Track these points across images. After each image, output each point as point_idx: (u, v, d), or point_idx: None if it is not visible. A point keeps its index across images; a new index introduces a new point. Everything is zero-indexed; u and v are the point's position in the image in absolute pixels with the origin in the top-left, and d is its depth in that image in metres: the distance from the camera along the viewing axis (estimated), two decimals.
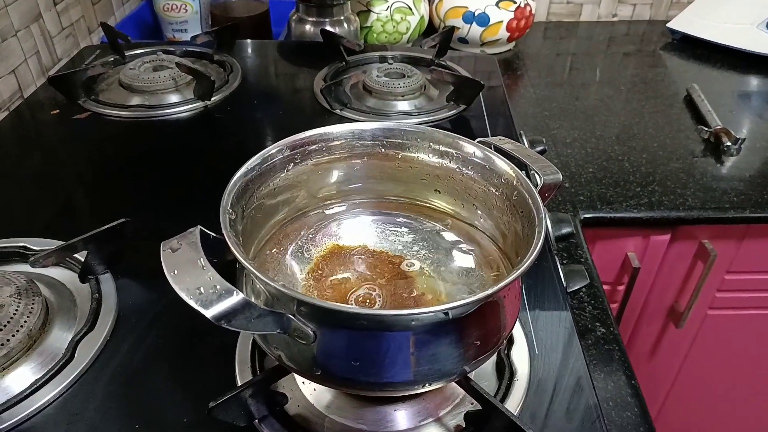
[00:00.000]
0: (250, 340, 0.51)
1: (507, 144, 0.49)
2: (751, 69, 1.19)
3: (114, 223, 0.56)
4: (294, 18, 1.12)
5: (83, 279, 0.56)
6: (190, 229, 0.37)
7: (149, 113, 0.86)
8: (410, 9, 1.20)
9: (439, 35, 1.00)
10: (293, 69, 1.03)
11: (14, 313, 0.49)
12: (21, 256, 0.58)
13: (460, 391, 0.47)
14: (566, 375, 0.50)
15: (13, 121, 0.84)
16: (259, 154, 0.46)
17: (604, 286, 0.74)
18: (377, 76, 0.90)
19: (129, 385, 0.48)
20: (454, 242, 0.50)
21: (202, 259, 0.34)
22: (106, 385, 0.48)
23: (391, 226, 0.51)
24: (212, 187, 0.43)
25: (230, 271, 0.40)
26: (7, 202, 0.69)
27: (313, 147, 0.48)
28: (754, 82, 1.17)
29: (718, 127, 0.95)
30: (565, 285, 0.60)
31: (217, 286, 0.33)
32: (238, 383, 0.47)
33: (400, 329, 0.37)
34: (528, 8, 1.21)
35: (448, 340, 0.39)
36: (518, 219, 0.44)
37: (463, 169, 0.48)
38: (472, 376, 0.44)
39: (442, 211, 0.51)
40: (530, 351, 0.52)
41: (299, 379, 0.48)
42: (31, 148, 0.80)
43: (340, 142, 0.49)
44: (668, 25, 1.32)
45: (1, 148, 0.79)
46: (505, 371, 0.49)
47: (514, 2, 1.19)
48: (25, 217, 0.67)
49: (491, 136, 0.50)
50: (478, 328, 0.40)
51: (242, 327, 0.34)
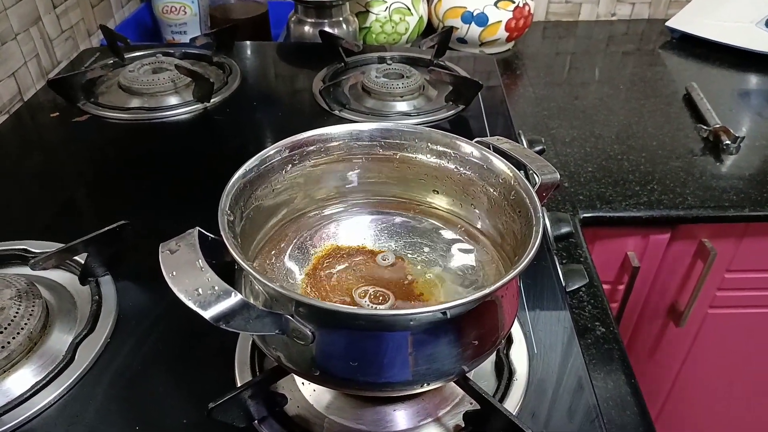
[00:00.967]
0: (250, 342, 0.51)
1: (505, 144, 0.49)
2: (751, 67, 1.19)
3: (114, 225, 0.56)
4: (293, 19, 1.13)
5: (83, 281, 0.56)
6: (189, 231, 0.37)
7: (148, 115, 0.86)
8: (409, 9, 1.20)
9: (437, 35, 1.00)
10: (292, 70, 1.03)
11: (15, 316, 0.49)
12: (21, 259, 0.59)
13: (459, 391, 0.47)
14: (565, 375, 0.50)
15: (13, 124, 0.85)
16: (258, 155, 0.46)
17: (604, 286, 0.74)
18: (376, 77, 0.90)
19: (129, 387, 0.48)
20: (453, 242, 0.50)
21: (200, 261, 0.34)
22: (107, 387, 0.48)
23: (389, 227, 0.51)
24: (212, 188, 0.43)
25: (229, 273, 0.40)
26: (8, 205, 0.69)
27: (311, 148, 0.48)
28: (753, 81, 1.17)
29: (718, 126, 0.95)
30: (564, 284, 0.60)
31: (216, 287, 0.33)
32: (238, 384, 0.48)
33: (398, 329, 0.37)
34: (527, 8, 1.21)
35: (447, 340, 0.39)
36: (516, 218, 0.44)
37: (461, 169, 0.48)
38: (470, 375, 0.44)
39: (441, 211, 0.52)
40: (529, 351, 0.52)
41: (299, 380, 0.48)
42: (31, 151, 0.80)
43: (338, 143, 0.49)
44: (667, 23, 1.32)
45: (2, 151, 0.79)
46: (504, 371, 0.49)
47: (513, 2, 1.19)
48: (25, 219, 0.67)
49: (490, 136, 0.50)
50: (477, 328, 0.40)
51: (241, 328, 0.34)
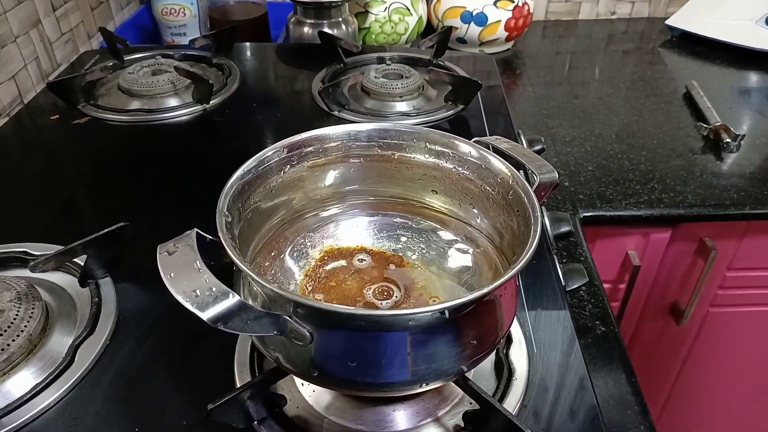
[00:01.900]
0: (249, 343, 0.51)
1: (503, 143, 0.49)
2: (751, 65, 1.19)
3: (113, 227, 0.56)
4: (292, 20, 1.13)
5: (83, 283, 0.56)
6: (187, 232, 0.37)
7: (148, 117, 0.86)
8: (408, 10, 1.20)
9: (436, 35, 1.00)
10: (291, 71, 1.03)
11: (14, 318, 0.49)
12: (21, 261, 0.59)
13: (459, 391, 0.47)
14: (566, 374, 0.50)
15: (14, 127, 0.85)
16: (255, 156, 0.46)
17: (605, 285, 0.74)
18: (375, 77, 0.90)
19: (129, 389, 0.48)
20: (451, 242, 0.50)
21: (198, 262, 0.34)
22: (106, 389, 0.48)
23: (388, 227, 0.51)
24: (211, 189, 0.43)
25: (227, 274, 0.40)
26: (8, 207, 0.69)
27: (309, 149, 0.48)
28: (753, 79, 1.16)
29: (718, 124, 0.95)
30: (564, 284, 0.60)
31: (213, 289, 0.33)
32: (237, 385, 0.48)
33: (396, 329, 0.37)
34: (526, 7, 1.21)
35: (445, 340, 0.39)
36: (514, 218, 0.44)
37: (459, 169, 0.48)
38: (470, 375, 0.44)
39: (439, 211, 0.51)
40: (529, 350, 0.51)
41: (298, 381, 0.48)
42: (31, 153, 0.80)
43: (336, 144, 0.49)
44: (667, 22, 1.32)
45: (2, 153, 0.79)
46: (503, 371, 0.49)
47: (512, 1, 1.19)
48: (25, 221, 0.67)
49: (489, 136, 0.50)
50: (475, 328, 0.40)
51: (239, 329, 0.34)
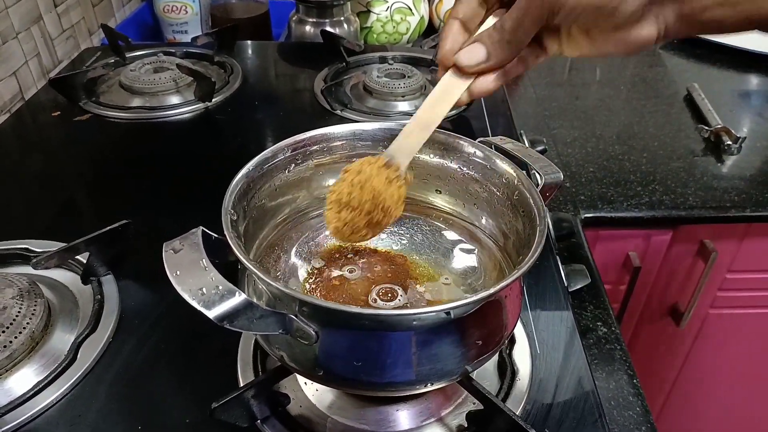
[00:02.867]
0: (252, 341, 0.51)
1: (508, 144, 0.49)
2: (751, 68, 1.19)
3: (116, 225, 0.56)
4: (294, 19, 1.13)
5: (85, 281, 0.56)
6: (192, 230, 0.37)
7: (150, 115, 0.86)
8: (410, 9, 1.20)
9: (438, 35, 1.00)
10: (293, 70, 1.03)
11: (17, 315, 0.49)
12: (23, 258, 0.59)
13: (462, 391, 0.47)
14: (568, 374, 0.50)
15: (15, 124, 0.85)
16: (261, 154, 0.46)
17: (606, 286, 0.74)
18: (377, 77, 0.90)
19: (131, 387, 0.48)
20: (456, 242, 0.50)
21: (204, 260, 0.34)
22: (109, 387, 0.48)
23: (391, 227, 0.51)
24: (214, 188, 0.43)
25: (232, 272, 0.40)
26: (9, 204, 0.69)
27: (314, 147, 0.48)
28: (754, 81, 1.16)
29: (719, 126, 0.95)
30: (566, 284, 0.60)
31: (220, 287, 0.33)
32: (241, 384, 0.48)
33: (401, 329, 0.37)
34: None
35: (450, 340, 0.39)
36: (519, 219, 0.44)
37: (464, 169, 0.48)
38: (473, 375, 0.44)
39: (443, 211, 0.51)
40: (532, 350, 0.52)
41: (301, 380, 0.48)
42: (33, 150, 0.80)
43: (341, 143, 0.49)
44: None
45: (3, 150, 0.79)
46: (506, 371, 0.49)
47: None
48: (26, 218, 0.67)
49: (492, 136, 0.50)
50: (480, 328, 0.40)
51: (244, 327, 0.34)
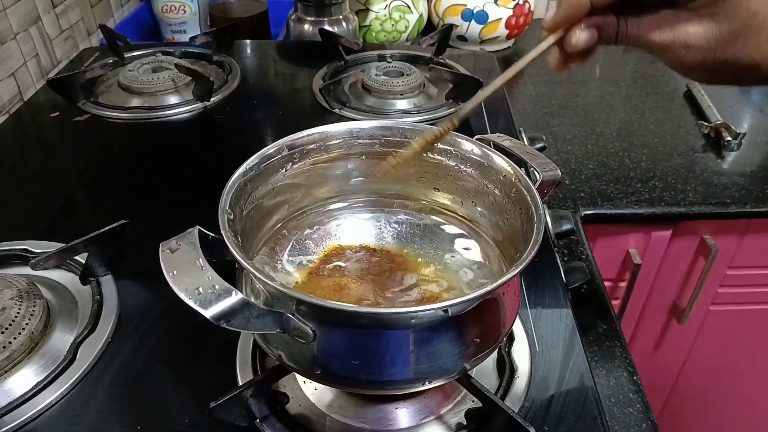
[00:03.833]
0: (251, 340, 0.51)
1: (506, 141, 0.49)
2: None
3: (114, 225, 0.56)
4: (292, 18, 1.12)
5: (84, 281, 0.56)
6: (189, 230, 0.37)
7: (149, 115, 0.86)
8: (409, 7, 1.19)
9: (437, 33, 1.00)
10: (292, 69, 1.03)
11: (16, 316, 0.49)
12: (22, 259, 0.59)
13: (461, 389, 0.47)
14: (567, 372, 0.50)
15: (13, 124, 0.85)
16: (258, 153, 0.46)
17: (606, 283, 0.74)
18: (376, 75, 0.90)
19: (131, 386, 0.48)
20: (454, 240, 0.50)
21: (200, 260, 0.34)
22: (108, 387, 0.48)
23: (390, 225, 0.51)
24: (213, 187, 0.43)
25: (230, 272, 0.40)
26: (8, 205, 0.69)
27: (312, 146, 0.48)
28: None
29: (719, 123, 0.94)
30: (565, 282, 0.60)
31: (216, 286, 0.33)
32: (239, 383, 0.48)
33: (399, 327, 0.37)
34: (527, 5, 1.21)
35: (448, 338, 0.39)
36: (517, 216, 0.44)
37: (462, 167, 0.48)
38: (472, 373, 0.44)
39: (442, 209, 0.51)
40: (531, 348, 0.51)
41: (300, 379, 0.48)
42: (31, 151, 0.80)
43: (338, 141, 0.49)
44: None
45: (2, 151, 0.79)
46: (505, 368, 0.49)
47: None
48: (25, 219, 0.67)
49: (490, 134, 0.50)
50: (478, 326, 0.40)
51: (241, 327, 0.34)
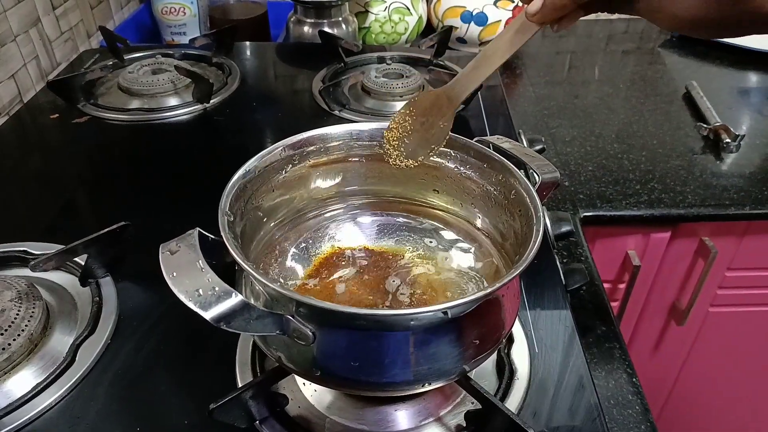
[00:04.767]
0: (251, 342, 0.51)
1: (505, 143, 0.49)
2: (750, 65, 1.19)
3: (114, 227, 0.56)
4: (292, 20, 1.13)
5: (84, 282, 0.56)
6: (189, 231, 0.37)
7: (148, 116, 0.86)
8: (408, 9, 1.20)
9: (437, 35, 1.00)
10: (292, 71, 1.03)
11: (15, 318, 0.49)
12: (21, 260, 0.59)
13: (461, 391, 0.47)
14: (567, 373, 0.50)
15: (13, 126, 0.85)
16: (257, 155, 0.46)
17: (605, 285, 0.74)
18: (376, 77, 0.90)
19: (130, 388, 0.48)
20: (453, 241, 0.50)
21: (200, 261, 0.34)
22: (108, 388, 0.48)
23: (389, 226, 0.51)
24: (213, 188, 0.43)
25: (229, 273, 0.40)
26: (8, 206, 0.69)
27: (311, 148, 0.48)
28: (753, 79, 1.16)
29: (718, 124, 0.95)
30: (564, 283, 0.60)
31: (216, 288, 0.33)
32: (239, 385, 0.48)
33: (399, 329, 0.37)
34: None
35: (448, 340, 0.39)
36: (516, 218, 0.44)
37: (461, 169, 0.48)
38: (472, 375, 0.44)
39: (441, 210, 0.51)
40: (530, 350, 0.51)
41: (300, 381, 0.48)
42: (31, 152, 0.80)
43: (338, 143, 0.49)
44: None
45: (2, 153, 0.79)
46: (505, 370, 0.49)
47: (512, 1, 1.19)
48: (25, 221, 0.67)
49: (489, 136, 0.50)
50: (478, 327, 0.40)
51: (241, 328, 0.34)
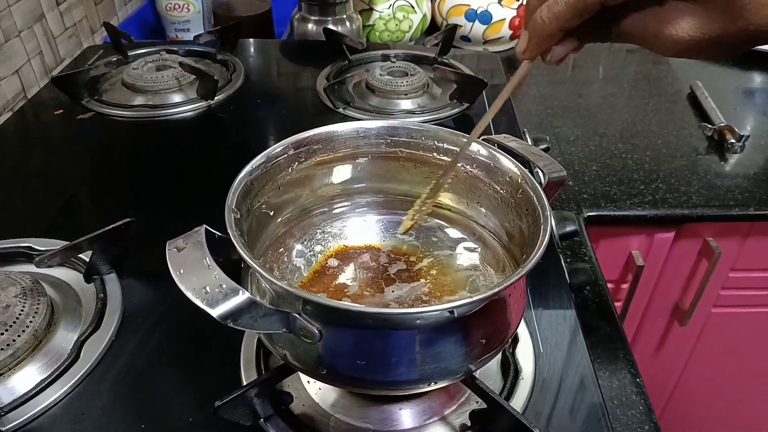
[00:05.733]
0: (255, 340, 0.51)
1: (511, 142, 0.49)
2: (755, 66, 1.19)
3: (119, 223, 0.56)
4: (296, 17, 1.12)
5: (88, 279, 0.56)
6: (196, 229, 0.37)
7: (152, 113, 0.86)
8: (413, 7, 1.19)
9: (441, 33, 1.00)
10: (296, 68, 1.03)
11: (20, 314, 0.49)
12: (26, 257, 0.59)
13: (466, 390, 0.47)
14: (571, 373, 0.50)
15: (17, 122, 0.85)
16: (264, 152, 0.45)
17: (609, 285, 0.73)
18: (380, 75, 0.90)
19: (134, 385, 0.48)
20: (459, 240, 0.50)
21: (207, 258, 0.34)
22: (112, 385, 0.48)
23: (396, 225, 0.51)
24: (217, 186, 0.43)
25: (236, 271, 0.40)
26: (12, 202, 0.69)
27: (318, 146, 0.48)
28: (758, 79, 1.16)
29: (722, 125, 0.94)
30: (569, 283, 0.60)
31: (223, 285, 0.33)
32: (244, 383, 0.48)
33: (405, 328, 0.37)
34: None
35: (454, 339, 0.39)
36: (523, 217, 0.44)
37: (468, 168, 0.48)
38: (477, 374, 0.44)
39: (447, 209, 0.51)
40: (535, 349, 0.51)
41: (304, 378, 0.48)
42: (35, 149, 0.80)
43: (344, 141, 0.49)
44: None
45: (6, 149, 0.79)
46: (510, 370, 0.49)
47: (517, 0, 1.19)
48: (29, 217, 0.67)
49: (495, 134, 0.50)
50: (484, 327, 0.40)
51: (248, 326, 0.34)
